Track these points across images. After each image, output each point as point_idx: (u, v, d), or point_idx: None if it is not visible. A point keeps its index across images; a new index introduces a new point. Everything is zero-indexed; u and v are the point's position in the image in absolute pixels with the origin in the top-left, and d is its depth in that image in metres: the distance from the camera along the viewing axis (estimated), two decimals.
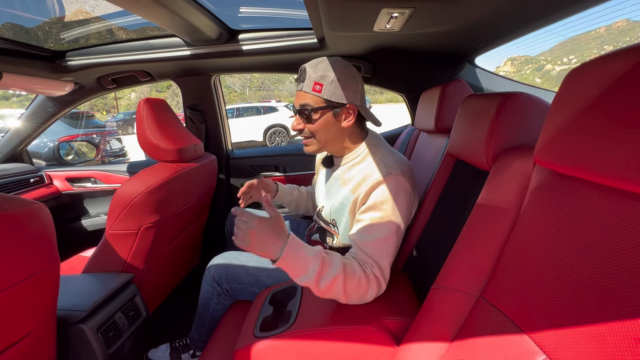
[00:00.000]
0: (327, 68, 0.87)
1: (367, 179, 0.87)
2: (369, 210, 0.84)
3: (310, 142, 0.95)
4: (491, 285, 0.60)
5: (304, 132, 0.93)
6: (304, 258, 0.72)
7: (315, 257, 0.73)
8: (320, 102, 0.88)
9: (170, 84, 20.91)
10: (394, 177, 0.85)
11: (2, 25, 1.34)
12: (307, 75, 0.87)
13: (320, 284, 0.73)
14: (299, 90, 0.90)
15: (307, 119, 0.90)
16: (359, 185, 0.89)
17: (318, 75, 0.86)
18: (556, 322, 0.46)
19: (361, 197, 0.87)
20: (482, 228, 0.64)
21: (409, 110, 1.80)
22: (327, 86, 0.86)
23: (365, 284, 0.77)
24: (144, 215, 1.08)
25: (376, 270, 0.79)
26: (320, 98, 0.87)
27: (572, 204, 0.48)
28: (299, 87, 0.90)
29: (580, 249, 0.45)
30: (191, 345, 1.22)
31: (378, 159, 0.90)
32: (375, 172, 0.87)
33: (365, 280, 0.77)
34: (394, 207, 0.83)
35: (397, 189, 0.84)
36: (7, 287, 0.60)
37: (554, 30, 41.56)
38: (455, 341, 0.62)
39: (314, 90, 0.86)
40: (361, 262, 0.80)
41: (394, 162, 0.89)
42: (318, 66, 0.87)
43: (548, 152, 0.50)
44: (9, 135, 1.81)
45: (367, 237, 0.82)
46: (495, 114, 0.69)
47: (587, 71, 0.45)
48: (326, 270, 0.73)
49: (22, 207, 0.63)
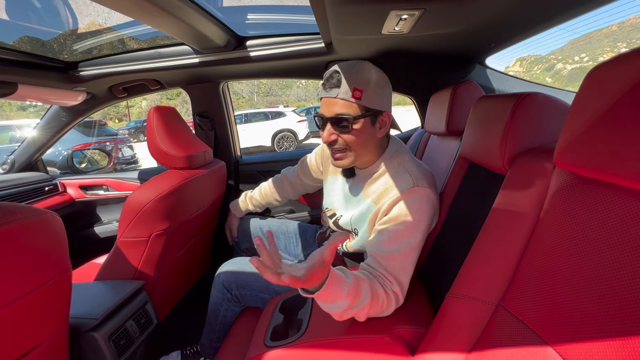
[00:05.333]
0: (364, 72, 0.80)
1: (391, 190, 0.84)
2: (391, 221, 0.81)
3: (345, 155, 0.85)
4: (510, 293, 0.58)
5: (338, 143, 0.84)
6: (336, 294, 0.66)
7: (347, 293, 0.67)
8: (359, 110, 0.80)
9: (180, 91, 21.31)
10: (421, 189, 0.81)
11: (20, 39, 1.38)
12: (343, 79, 0.78)
13: (344, 314, 0.70)
14: (333, 97, 0.80)
15: (343, 129, 0.81)
16: (381, 196, 0.86)
17: (357, 79, 0.78)
18: (581, 333, 0.43)
19: (384, 208, 0.83)
20: (500, 233, 0.62)
21: (418, 113, 1.78)
22: (368, 92, 0.79)
23: (386, 303, 0.75)
24: (154, 222, 1.08)
25: (395, 287, 0.77)
26: (360, 105, 0.80)
27: (595, 207, 0.46)
28: (333, 94, 0.80)
29: (605, 254, 0.43)
30: (202, 352, 1.22)
31: (402, 169, 0.86)
32: (401, 183, 0.83)
33: (387, 300, 0.75)
34: (418, 220, 0.80)
35: (422, 202, 0.81)
36: (21, 295, 0.61)
37: (564, 28, 41.07)
38: (473, 352, 0.59)
39: (353, 97, 0.78)
40: (380, 279, 0.77)
41: (420, 172, 0.85)
42: (354, 70, 0.79)
43: (569, 154, 0.48)
44: (25, 145, 1.86)
45: (387, 250, 0.78)
46: (510, 115, 0.67)
47: (609, 70, 0.43)
48: (354, 303, 0.69)
49: (35, 216, 0.64)
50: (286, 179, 1.36)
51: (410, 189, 0.81)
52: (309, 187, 1.36)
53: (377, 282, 0.76)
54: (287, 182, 1.36)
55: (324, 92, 0.83)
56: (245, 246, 1.37)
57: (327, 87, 0.81)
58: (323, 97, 0.83)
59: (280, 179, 1.38)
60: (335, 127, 0.82)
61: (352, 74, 0.79)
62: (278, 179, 1.38)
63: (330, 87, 0.80)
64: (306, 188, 1.36)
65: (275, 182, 1.38)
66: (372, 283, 0.74)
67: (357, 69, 0.80)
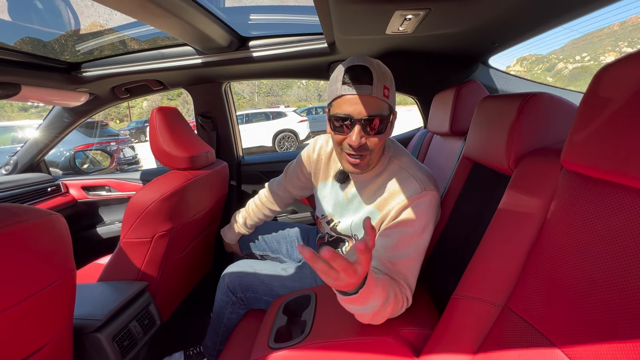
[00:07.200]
0: (385, 68, 0.75)
1: (397, 196, 0.81)
2: (399, 226, 0.79)
3: (367, 159, 0.79)
4: (517, 295, 0.58)
5: (367, 147, 0.77)
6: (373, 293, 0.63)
7: (380, 292, 0.64)
8: (387, 110, 0.75)
9: (181, 92, 21.33)
10: (429, 193, 0.80)
11: (21, 40, 1.38)
12: (375, 76, 0.71)
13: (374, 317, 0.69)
14: (367, 95, 0.71)
15: (376, 131, 0.74)
16: (386, 202, 0.83)
17: (384, 76, 0.73)
18: (590, 334, 0.43)
19: (392, 214, 0.81)
20: (506, 234, 0.62)
21: (421, 113, 1.77)
22: (392, 91, 0.75)
23: (399, 307, 0.74)
24: (157, 223, 1.08)
25: (407, 292, 0.76)
26: (389, 105, 0.75)
27: (604, 208, 0.46)
28: (366, 91, 0.71)
29: (614, 255, 0.43)
30: (205, 353, 1.21)
31: (406, 173, 0.83)
32: (408, 189, 0.81)
33: (401, 301, 0.74)
34: (425, 224, 0.79)
35: (431, 206, 0.80)
36: (27, 297, 0.60)
37: (565, 28, 40.98)
38: (479, 353, 0.59)
39: (384, 96, 0.72)
40: None
41: (425, 176, 0.83)
42: (380, 66, 0.73)
43: (577, 155, 0.48)
44: (28, 146, 1.86)
45: (396, 255, 0.77)
46: (516, 115, 0.66)
47: (618, 70, 0.43)
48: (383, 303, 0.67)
49: (39, 218, 0.63)
50: (273, 194, 1.27)
51: (419, 195, 0.79)
52: (299, 196, 1.28)
53: (397, 286, 0.75)
54: (274, 197, 1.28)
55: (348, 89, 0.72)
56: (246, 252, 1.36)
57: (356, 83, 0.71)
58: (348, 94, 0.72)
59: (266, 195, 1.29)
60: (367, 129, 0.73)
61: (381, 71, 0.73)
62: (263, 197, 1.30)
63: (359, 84, 0.71)
64: (295, 197, 1.29)
65: (262, 200, 1.30)
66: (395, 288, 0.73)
67: (379, 65, 0.74)
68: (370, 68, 0.71)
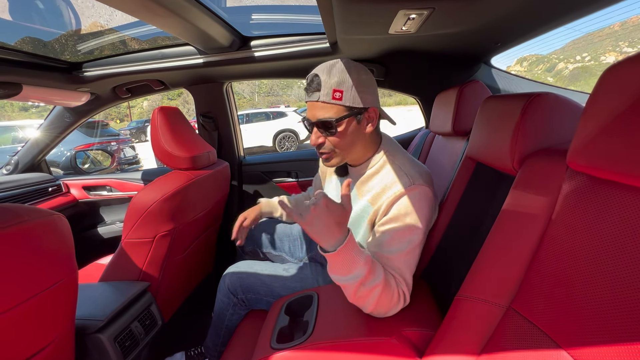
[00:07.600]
0: (343, 71, 0.78)
1: (388, 190, 0.83)
2: (391, 222, 0.81)
3: (331, 155, 0.86)
4: (521, 295, 0.57)
5: (325, 146, 0.84)
6: (354, 259, 0.69)
7: (364, 261, 0.70)
8: (343, 111, 0.79)
9: (182, 92, 21.33)
10: (418, 187, 0.81)
11: (22, 39, 1.38)
12: (322, 82, 0.77)
13: (359, 290, 0.71)
14: (314, 101, 0.79)
15: (328, 132, 0.81)
16: (378, 196, 0.85)
17: (335, 80, 0.77)
18: (596, 335, 0.43)
19: (383, 208, 0.83)
20: (510, 235, 0.61)
21: (422, 113, 1.77)
22: (348, 91, 0.77)
23: (396, 300, 0.75)
24: (159, 223, 1.08)
25: (403, 286, 0.77)
26: (342, 106, 0.79)
27: (610, 209, 0.45)
28: (313, 98, 0.79)
29: (620, 256, 0.43)
30: (206, 354, 1.21)
31: (397, 168, 0.85)
32: (397, 182, 0.82)
33: (397, 294, 0.75)
34: (417, 218, 0.80)
35: (421, 200, 0.81)
36: (30, 297, 0.60)
37: (566, 28, 40.64)
38: (483, 354, 0.59)
39: (334, 99, 0.77)
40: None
41: (415, 171, 0.85)
42: (332, 71, 0.78)
43: (584, 155, 0.48)
44: (29, 146, 1.86)
45: (390, 250, 0.79)
46: (520, 114, 0.66)
47: (625, 70, 0.43)
48: (370, 278, 0.70)
49: (42, 218, 0.63)
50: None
51: (407, 188, 0.81)
52: None
53: (390, 275, 0.77)
54: None
55: (306, 96, 0.82)
56: (249, 248, 1.36)
57: (309, 92, 0.80)
58: (307, 101, 0.83)
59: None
60: (320, 130, 0.82)
61: (331, 75, 0.78)
62: None
63: (311, 91, 0.80)
64: None
65: None
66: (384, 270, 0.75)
67: (335, 69, 0.78)
68: (319, 75, 0.78)
